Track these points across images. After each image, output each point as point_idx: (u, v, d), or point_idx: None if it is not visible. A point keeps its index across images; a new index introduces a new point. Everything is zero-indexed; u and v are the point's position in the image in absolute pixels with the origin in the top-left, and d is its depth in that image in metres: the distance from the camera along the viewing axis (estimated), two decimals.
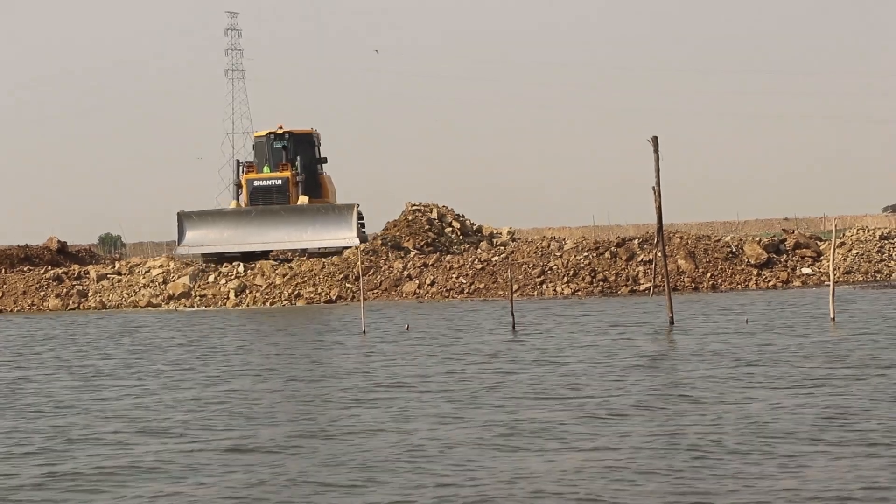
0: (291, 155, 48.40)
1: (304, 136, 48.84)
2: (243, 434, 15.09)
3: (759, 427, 14.23)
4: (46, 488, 12.51)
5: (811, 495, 11.10)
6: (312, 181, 48.61)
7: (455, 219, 49.71)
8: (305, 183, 48.23)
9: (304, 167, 48.29)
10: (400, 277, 44.02)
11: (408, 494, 11.63)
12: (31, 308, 45.71)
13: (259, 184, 47.74)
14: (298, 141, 48.67)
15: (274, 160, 48.34)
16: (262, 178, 47.93)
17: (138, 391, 19.74)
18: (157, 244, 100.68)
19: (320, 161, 49.29)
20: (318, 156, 49.19)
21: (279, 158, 48.37)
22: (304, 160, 48.44)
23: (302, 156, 48.45)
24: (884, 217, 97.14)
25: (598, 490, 11.54)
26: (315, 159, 49.07)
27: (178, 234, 47.26)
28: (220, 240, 47.00)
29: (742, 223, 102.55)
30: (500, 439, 14.10)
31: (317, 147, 49.35)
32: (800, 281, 42.39)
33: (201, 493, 12.01)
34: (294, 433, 15.01)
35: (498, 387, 18.59)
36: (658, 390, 17.63)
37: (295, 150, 48.47)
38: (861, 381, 17.68)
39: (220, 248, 47.14)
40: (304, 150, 48.74)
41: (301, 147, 48.68)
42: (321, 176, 49.15)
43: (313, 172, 48.83)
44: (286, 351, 25.82)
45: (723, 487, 11.50)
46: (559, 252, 43.57)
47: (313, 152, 49.09)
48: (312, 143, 49.09)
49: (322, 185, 48.99)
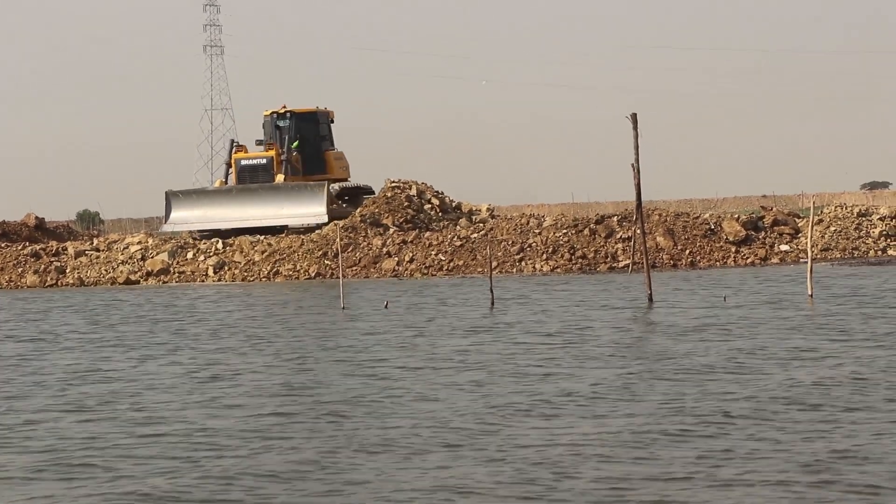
0: (293, 133, 49.64)
1: (307, 115, 50.23)
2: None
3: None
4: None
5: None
6: (316, 159, 49.99)
7: (434, 196, 49.66)
8: (310, 160, 49.59)
9: (306, 145, 49.56)
10: (379, 254, 44.00)
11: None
12: (9, 284, 45.55)
13: (246, 163, 49.06)
14: (301, 119, 49.85)
15: (277, 138, 49.61)
16: (248, 157, 49.24)
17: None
18: (136, 220, 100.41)
19: (325, 139, 50.53)
20: (322, 134, 50.49)
21: (282, 137, 49.60)
22: (308, 138, 49.78)
23: (304, 134, 49.77)
24: (862, 194, 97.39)
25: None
26: (319, 137, 50.35)
27: (165, 212, 48.57)
28: (203, 218, 48.07)
29: (721, 200, 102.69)
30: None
31: (323, 125, 50.70)
32: (778, 258, 42.48)
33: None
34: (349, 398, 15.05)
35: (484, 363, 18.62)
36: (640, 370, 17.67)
37: (297, 128, 49.72)
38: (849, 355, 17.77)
39: (202, 225, 48.15)
40: (307, 128, 50.08)
41: (303, 126, 49.97)
42: (326, 153, 50.38)
43: (317, 150, 50.13)
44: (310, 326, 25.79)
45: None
46: (538, 229, 43.59)
47: (317, 130, 50.41)
48: (316, 122, 50.43)
49: (327, 162, 50.26)
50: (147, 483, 11.39)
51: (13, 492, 11.37)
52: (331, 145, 50.87)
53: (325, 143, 50.58)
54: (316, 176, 49.22)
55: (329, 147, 50.70)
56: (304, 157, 49.65)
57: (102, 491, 11.20)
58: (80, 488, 11.35)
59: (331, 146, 50.84)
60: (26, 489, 11.44)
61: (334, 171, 50.36)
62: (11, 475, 11.99)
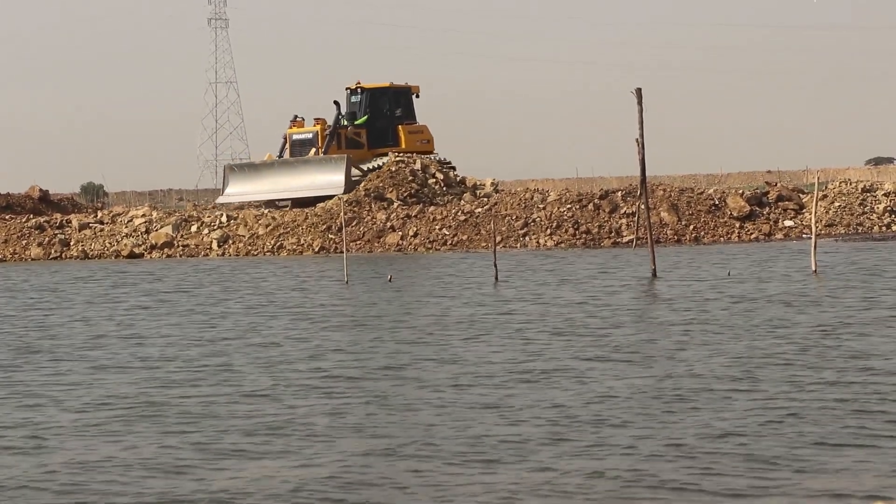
0: (364, 108, 51.57)
1: (380, 91, 52.00)
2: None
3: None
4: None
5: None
6: (385, 133, 51.61)
7: (439, 170, 49.67)
8: (376, 135, 51.14)
9: (376, 120, 51.41)
10: (383, 229, 44.01)
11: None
12: (13, 257, 45.59)
13: (296, 137, 51.11)
14: (372, 95, 51.73)
15: (350, 113, 51.65)
16: (298, 131, 51.20)
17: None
18: (140, 193, 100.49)
19: (400, 114, 52.00)
20: (396, 108, 52.03)
21: (355, 111, 51.55)
22: (379, 113, 51.57)
23: (374, 109, 51.56)
24: (866, 170, 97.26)
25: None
26: (391, 112, 51.98)
27: (223, 185, 51.41)
28: (253, 191, 50.07)
29: (725, 176, 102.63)
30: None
31: (399, 100, 52.31)
32: (782, 234, 42.47)
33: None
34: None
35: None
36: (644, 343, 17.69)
37: (368, 103, 51.54)
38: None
39: (252, 197, 50.10)
40: (379, 103, 51.92)
41: (375, 101, 51.69)
42: (398, 128, 51.67)
43: (388, 124, 51.70)
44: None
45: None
46: (542, 204, 43.57)
47: (390, 105, 52.08)
48: (390, 97, 52.20)
49: (399, 136, 51.58)
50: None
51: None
52: (410, 119, 52.31)
53: (401, 118, 52.03)
54: (380, 149, 50.70)
55: (406, 121, 52.05)
56: (371, 132, 51.22)
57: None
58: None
59: (409, 120, 52.25)
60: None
61: (407, 145, 51.49)
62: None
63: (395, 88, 52.31)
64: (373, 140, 51.18)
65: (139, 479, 10.61)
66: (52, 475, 10.82)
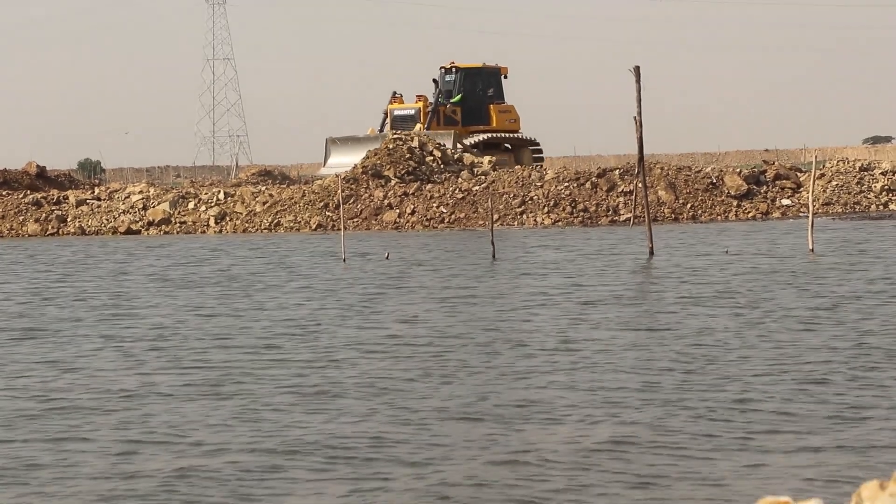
0: (458, 87, 53.41)
1: (473, 71, 54.00)
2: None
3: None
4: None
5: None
6: (477, 112, 53.25)
7: (436, 147, 49.64)
8: (470, 113, 52.94)
9: (469, 98, 53.20)
10: (380, 206, 43.98)
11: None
12: (10, 233, 45.58)
13: (398, 113, 52.93)
14: (466, 74, 53.69)
15: (446, 91, 53.38)
16: (400, 107, 53.37)
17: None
18: (137, 170, 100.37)
19: (491, 93, 54.02)
20: (488, 88, 54.01)
21: (450, 90, 53.39)
22: (472, 92, 53.45)
23: (468, 89, 53.43)
24: (864, 149, 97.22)
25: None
26: (483, 92, 53.98)
27: (325, 156, 52.88)
28: (351, 162, 50.52)
29: (723, 154, 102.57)
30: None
31: (490, 80, 54.32)
32: (779, 212, 42.47)
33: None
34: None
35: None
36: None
37: (462, 82, 53.42)
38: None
39: (343, 169, 50.95)
40: (472, 83, 53.62)
41: (468, 80, 53.61)
42: (489, 107, 53.71)
43: (480, 103, 53.60)
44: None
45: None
46: (540, 182, 43.55)
47: (482, 85, 54.08)
48: (483, 77, 54.27)
49: (490, 115, 53.23)
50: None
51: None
52: (499, 99, 54.11)
53: (492, 97, 53.87)
54: (473, 127, 52.72)
55: (496, 101, 53.85)
56: (464, 110, 53.00)
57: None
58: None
59: (499, 100, 54.04)
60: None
61: (497, 123, 53.52)
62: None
63: (488, 69, 54.48)
64: (466, 118, 53.06)
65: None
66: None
